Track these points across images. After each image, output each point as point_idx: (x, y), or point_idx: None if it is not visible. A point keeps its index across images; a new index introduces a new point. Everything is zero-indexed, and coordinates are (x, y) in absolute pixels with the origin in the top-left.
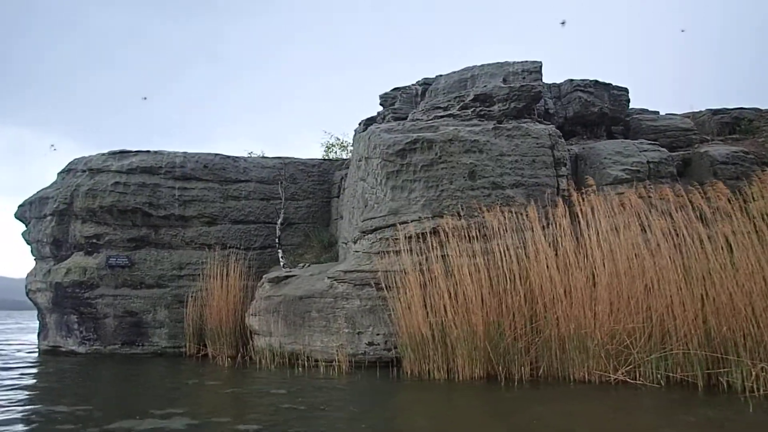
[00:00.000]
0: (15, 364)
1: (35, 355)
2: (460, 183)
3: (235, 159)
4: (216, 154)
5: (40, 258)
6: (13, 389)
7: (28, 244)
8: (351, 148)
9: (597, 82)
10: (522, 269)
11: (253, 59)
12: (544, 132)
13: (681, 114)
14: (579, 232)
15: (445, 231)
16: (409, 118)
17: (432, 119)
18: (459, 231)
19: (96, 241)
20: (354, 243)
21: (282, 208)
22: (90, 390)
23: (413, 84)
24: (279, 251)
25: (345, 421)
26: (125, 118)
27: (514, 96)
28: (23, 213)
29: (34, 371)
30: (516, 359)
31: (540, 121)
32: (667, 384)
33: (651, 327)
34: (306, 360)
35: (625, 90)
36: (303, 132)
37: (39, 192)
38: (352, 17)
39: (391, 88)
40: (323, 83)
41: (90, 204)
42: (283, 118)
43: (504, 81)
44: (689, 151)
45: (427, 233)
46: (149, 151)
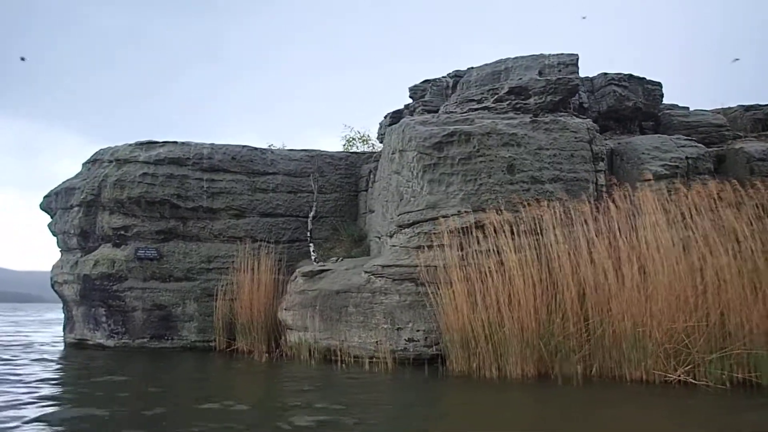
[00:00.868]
0: (49, 356)
1: (61, 348)
2: (498, 177)
3: (263, 151)
4: (243, 145)
5: (66, 249)
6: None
7: (54, 235)
8: (373, 141)
9: (631, 76)
10: (573, 264)
11: (254, 59)
12: (582, 126)
13: (711, 110)
14: (629, 227)
15: (493, 225)
16: (441, 110)
17: (466, 112)
18: (504, 225)
19: (124, 233)
20: (390, 237)
21: (314, 201)
22: (158, 383)
23: (444, 76)
24: (311, 245)
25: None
26: (125, 117)
27: (550, 89)
28: (49, 204)
29: (71, 363)
30: (569, 357)
31: (576, 115)
32: (731, 384)
33: (712, 325)
34: (343, 356)
35: (659, 84)
36: (303, 131)
37: (65, 182)
38: (352, 17)
39: (421, 80)
40: (323, 83)
41: (118, 195)
42: (284, 117)
43: (539, 74)
44: (722, 148)
45: (470, 227)
46: (176, 142)
